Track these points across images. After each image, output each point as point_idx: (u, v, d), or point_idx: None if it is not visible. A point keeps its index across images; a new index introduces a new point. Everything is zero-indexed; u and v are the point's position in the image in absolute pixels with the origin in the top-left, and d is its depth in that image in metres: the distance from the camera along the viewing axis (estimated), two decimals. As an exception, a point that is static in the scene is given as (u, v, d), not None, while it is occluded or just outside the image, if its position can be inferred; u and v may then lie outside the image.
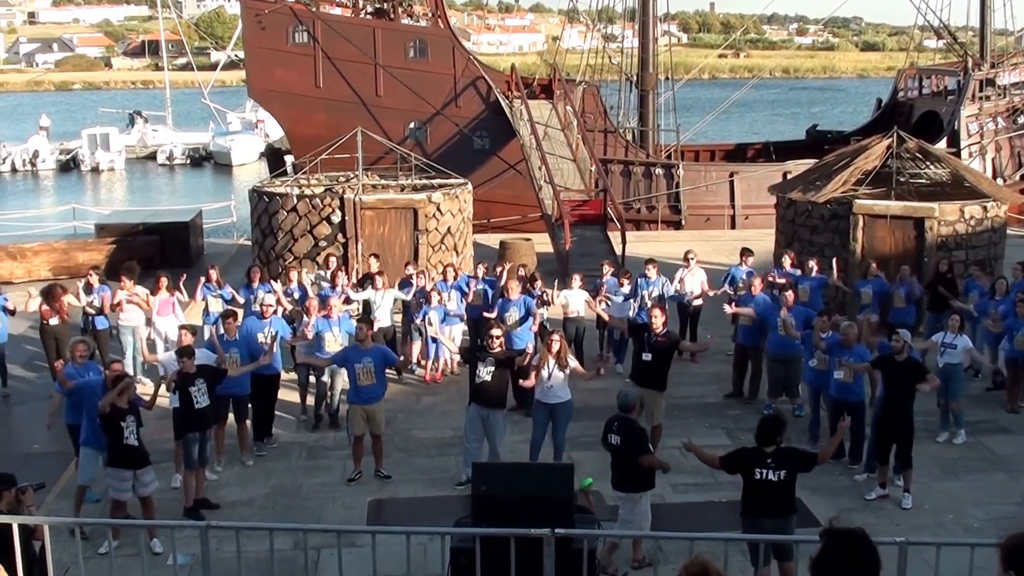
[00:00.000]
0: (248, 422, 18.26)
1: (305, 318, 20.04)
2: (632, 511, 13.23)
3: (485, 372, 16.36)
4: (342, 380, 18.97)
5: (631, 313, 22.53)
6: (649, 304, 21.54)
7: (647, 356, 17.42)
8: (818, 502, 15.69)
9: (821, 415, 18.12)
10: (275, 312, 19.70)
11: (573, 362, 17.00)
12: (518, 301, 20.86)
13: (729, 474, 12.53)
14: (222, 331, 18.05)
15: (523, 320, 20.59)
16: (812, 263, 22.78)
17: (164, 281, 22.07)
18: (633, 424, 13.35)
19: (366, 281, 23.43)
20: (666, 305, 22.43)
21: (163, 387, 16.50)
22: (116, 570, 11.31)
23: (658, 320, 17.55)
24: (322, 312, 19.67)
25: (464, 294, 22.71)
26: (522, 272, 23.49)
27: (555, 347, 16.58)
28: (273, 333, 18.73)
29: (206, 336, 19.43)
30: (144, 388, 20.25)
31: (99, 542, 13.76)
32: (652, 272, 22.80)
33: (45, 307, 21.52)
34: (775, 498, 12.23)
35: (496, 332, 16.87)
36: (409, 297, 22.52)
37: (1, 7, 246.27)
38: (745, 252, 23.77)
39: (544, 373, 16.49)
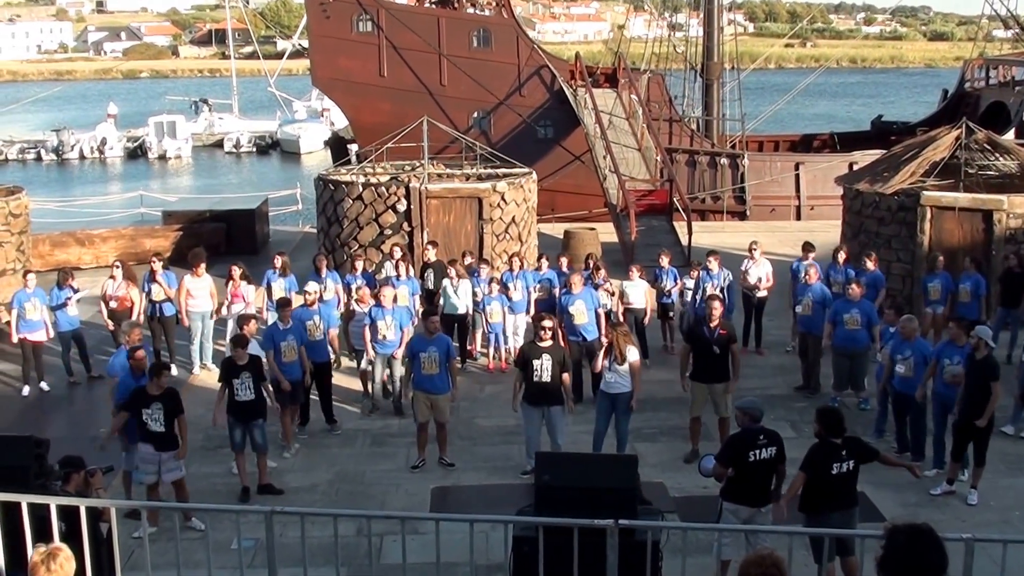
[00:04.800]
0: (295, 408, 18.37)
1: (358, 307, 20.27)
2: (767, 521, 12.59)
3: (541, 369, 16.24)
4: (400, 367, 19.15)
5: (685, 306, 22.56)
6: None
7: (716, 350, 17.12)
8: (883, 497, 15.55)
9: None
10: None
11: (633, 355, 16.89)
12: (583, 293, 20.74)
13: (811, 477, 12.29)
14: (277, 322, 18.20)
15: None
16: (869, 261, 22.39)
17: (236, 271, 22.28)
18: (776, 432, 12.88)
19: (426, 270, 23.53)
20: (728, 297, 22.35)
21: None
22: (181, 553, 11.41)
23: (716, 312, 17.35)
24: (375, 301, 19.82)
25: (528, 290, 22.65)
26: (591, 261, 23.42)
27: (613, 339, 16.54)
28: (317, 322, 18.90)
29: (270, 321, 19.66)
30: (210, 374, 20.58)
31: (135, 526, 13.87)
32: (714, 265, 22.40)
33: (109, 292, 21.87)
34: (843, 491, 12.17)
35: (547, 323, 16.69)
36: (480, 289, 22.48)
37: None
38: (807, 247, 23.45)
39: (604, 363, 16.46)
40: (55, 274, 23.21)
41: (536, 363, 16.27)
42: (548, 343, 16.46)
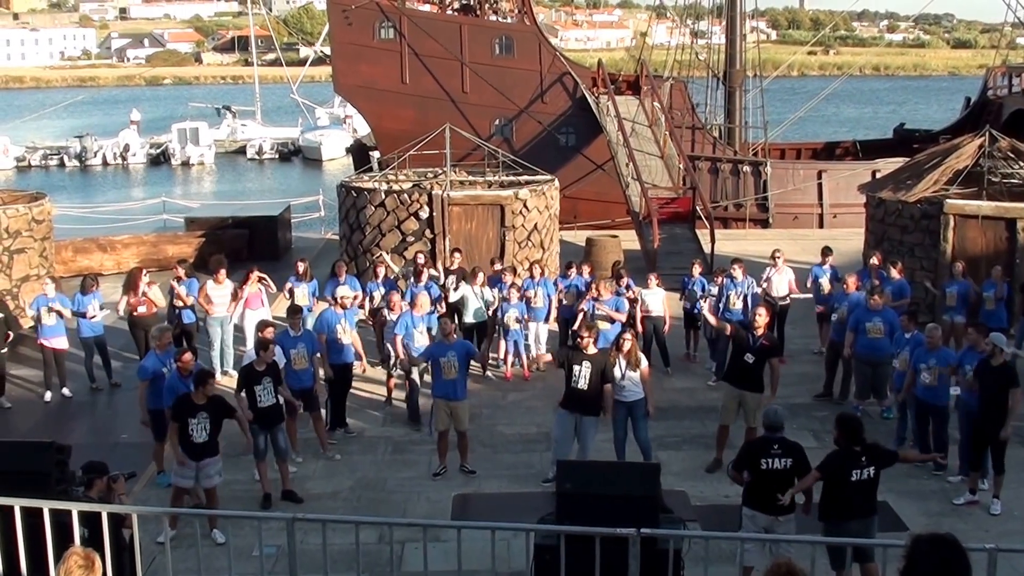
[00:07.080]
0: (322, 414, 18.40)
1: (388, 314, 20.31)
2: (789, 530, 12.59)
3: (581, 376, 16.09)
4: (418, 374, 19.16)
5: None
6: (740, 305, 21.44)
7: (749, 358, 17.06)
8: (905, 506, 15.48)
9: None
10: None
11: (644, 363, 16.82)
12: (610, 301, 20.75)
13: (829, 484, 12.25)
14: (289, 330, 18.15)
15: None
16: (893, 270, 22.26)
17: (253, 275, 22.33)
18: (797, 444, 12.83)
19: (448, 276, 23.54)
20: (751, 305, 22.27)
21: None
22: (203, 560, 11.43)
23: (762, 321, 17.31)
24: (409, 308, 19.80)
25: (549, 297, 22.63)
26: (618, 269, 23.39)
27: (626, 347, 16.49)
28: (344, 324, 19.03)
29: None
30: (231, 381, 20.54)
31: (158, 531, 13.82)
32: (738, 272, 22.25)
33: (133, 299, 21.90)
34: (863, 498, 12.11)
35: (586, 332, 16.59)
36: (497, 299, 22.47)
37: (94, 2, 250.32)
38: (826, 251, 23.40)
39: (617, 372, 16.40)
40: (77, 280, 23.27)
41: (576, 369, 16.12)
42: (592, 350, 16.31)
